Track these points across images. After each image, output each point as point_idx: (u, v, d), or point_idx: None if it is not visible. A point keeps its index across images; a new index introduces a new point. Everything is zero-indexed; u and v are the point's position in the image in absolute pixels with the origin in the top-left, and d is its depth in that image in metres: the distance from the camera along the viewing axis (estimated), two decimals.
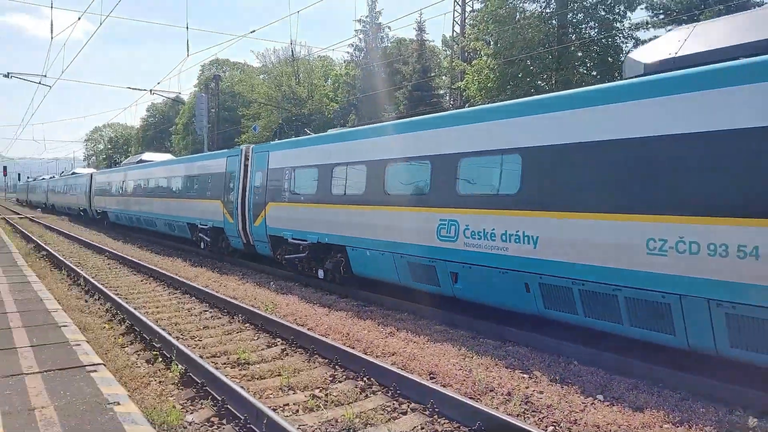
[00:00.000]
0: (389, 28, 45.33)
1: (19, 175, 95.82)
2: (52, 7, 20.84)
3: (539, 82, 25.88)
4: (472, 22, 30.57)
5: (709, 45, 6.67)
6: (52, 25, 22.00)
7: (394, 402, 5.92)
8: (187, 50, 21.03)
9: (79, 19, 19.48)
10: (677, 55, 6.91)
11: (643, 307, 6.47)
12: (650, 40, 14.85)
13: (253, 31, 24.08)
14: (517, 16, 25.11)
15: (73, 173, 46.03)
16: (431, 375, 6.65)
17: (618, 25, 24.45)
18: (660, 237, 6.16)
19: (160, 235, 23.44)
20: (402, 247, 9.82)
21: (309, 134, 15.85)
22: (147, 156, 30.04)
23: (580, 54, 25.10)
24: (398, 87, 40.03)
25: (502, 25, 24.54)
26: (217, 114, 46.49)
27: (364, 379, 6.53)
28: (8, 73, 27.43)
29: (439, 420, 5.48)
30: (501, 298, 8.44)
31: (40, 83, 27.65)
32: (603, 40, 24.52)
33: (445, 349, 7.61)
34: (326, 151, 12.41)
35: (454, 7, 33.36)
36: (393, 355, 7.40)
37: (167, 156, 28.01)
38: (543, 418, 5.53)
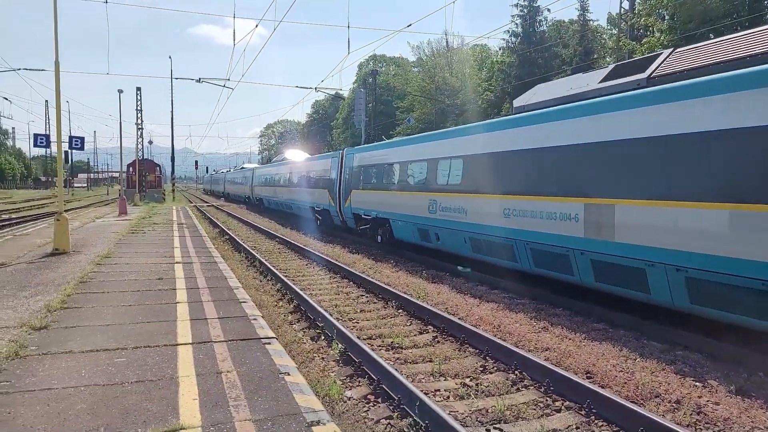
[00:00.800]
0: (548, 10, 43.25)
1: (207, 168, 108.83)
2: (234, 17, 23.39)
3: None
4: None
5: (530, 99, 11.57)
6: (234, 33, 24.69)
7: (547, 398, 5.79)
8: (348, 48, 22.16)
9: (256, 26, 21.53)
10: (526, 103, 11.59)
11: (507, 248, 11.02)
12: None
13: (410, 25, 24.67)
14: None
15: (242, 168, 56.22)
16: (588, 374, 6.37)
17: None
18: (506, 207, 10.77)
19: (294, 216, 28.96)
20: (415, 219, 14.78)
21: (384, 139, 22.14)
22: (289, 154, 35.93)
23: None
24: (557, 72, 38.21)
25: None
26: (373, 108, 48.39)
27: (516, 372, 6.46)
28: (199, 79, 31.37)
29: (596, 421, 5.24)
30: (456, 248, 13.24)
31: (224, 86, 31.17)
32: None
33: (604, 349, 7.22)
34: (378, 153, 18.04)
35: None
36: (546, 350, 7.21)
37: (305, 154, 32.85)
38: (718, 431, 5.03)
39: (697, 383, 6.11)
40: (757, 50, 7.36)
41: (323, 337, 7.91)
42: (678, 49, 9.24)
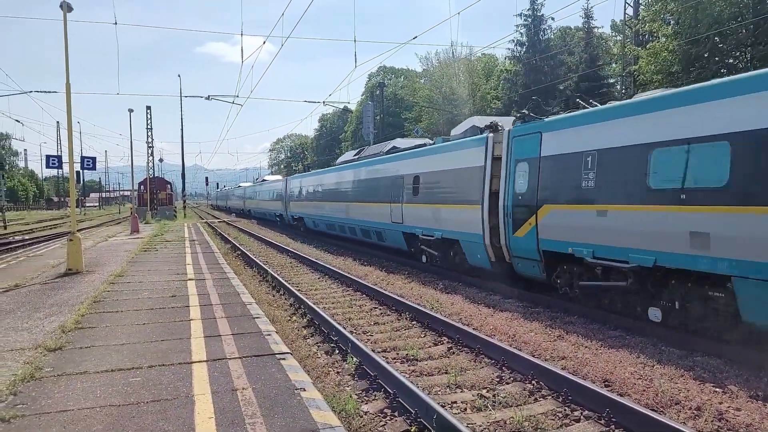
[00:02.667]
0: (552, 18, 43.30)
1: (217, 184, 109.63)
2: (242, 35, 23.64)
3: (731, 61, 22.87)
4: (648, 1, 28.05)
5: (340, 160, 27.29)
6: (242, 50, 24.98)
7: (566, 408, 5.71)
8: (355, 61, 22.29)
9: (264, 42, 21.70)
10: (338, 161, 27.54)
11: (334, 226, 24.08)
12: None
13: (415, 37, 24.89)
14: None
15: (239, 186, 70.29)
16: (606, 382, 6.29)
17: None
18: (332, 208, 23.78)
19: (279, 223, 39.35)
20: (312, 216, 27.61)
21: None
22: (267, 177, 54.94)
23: None
24: (563, 79, 38.20)
25: (685, 1, 22.15)
26: (381, 120, 48.54)
27: (533, 382, 6.39)
28: (209, 96, 31.63)
29: (616, 431, 5.16)
30: (325, 229, 25.69)
31: (233, 103, 31.39)
32: None
33: (621, 356, 7.14)
34: (298, 181, 31.85)
35: None
36: (563, 359, 7.13)
37: (279, 177, 48.21)
38: None
39: (717, 389, 6.02)
40: (403, 146, 18.64)
41: (338, 351, 7.88)
42: (370, 146, 22.20)
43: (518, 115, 11.92)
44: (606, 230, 8.71)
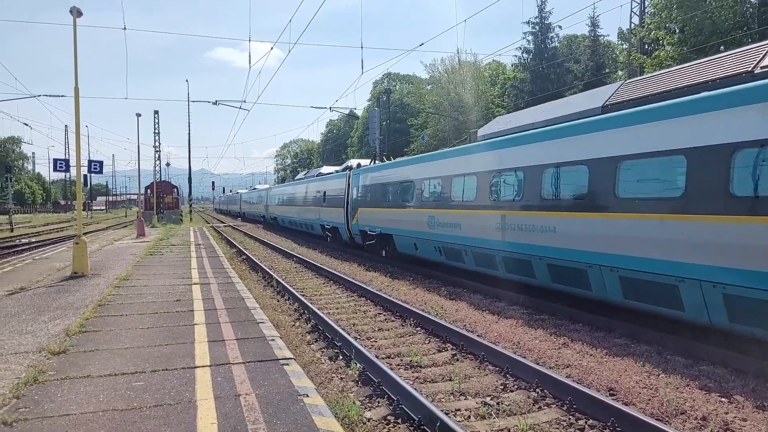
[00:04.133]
0: (560, 27, 43.40)
1: (223, 189, 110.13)
2: (250, 41, 23.80)
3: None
4: (653, 10, 28.07)
5: (298, 177, 43.78)
6: (250, 56, 25.11)
7: (570, 417, 5.66)
8: (362, 68, 22.38)
9: (272, 48, 21.85)
10: (295, 178, 47.24)
11: (295, 223, 34.16)
12: None
13: (422, 44, 25.09)
14: None
15: (237, 192, 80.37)
16: (611, 391, 6.24)
17: None
18: (297, 210, 32.65)
19: (274, 225, 45.47)
20: (281, 216, 38.39)
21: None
22: (257, 186, 66.15)
23: None
24: (569, 87, 38.19)
25: (689, 9, 22.12)
26: (388, 126, 48.60)
27: (537, 390, 6.34)
28: (216, 101, 31.83)
29: None
30: (288, 223, 36.17)
31: (240, 108, 31.61)
32: None
33: (627, 365, 7.08)
34: (275, 190, 42.77)
35: None
36: (567, 367, 7.08)
37: (266, 185, 58.56)
38: None
39: (723, 399, 5.96)
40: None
41: (341, 357, 7.86)
42: (312, 170, 39.41)
43: (359, 161, 24.47)
44: (373, 219, 19.21)
